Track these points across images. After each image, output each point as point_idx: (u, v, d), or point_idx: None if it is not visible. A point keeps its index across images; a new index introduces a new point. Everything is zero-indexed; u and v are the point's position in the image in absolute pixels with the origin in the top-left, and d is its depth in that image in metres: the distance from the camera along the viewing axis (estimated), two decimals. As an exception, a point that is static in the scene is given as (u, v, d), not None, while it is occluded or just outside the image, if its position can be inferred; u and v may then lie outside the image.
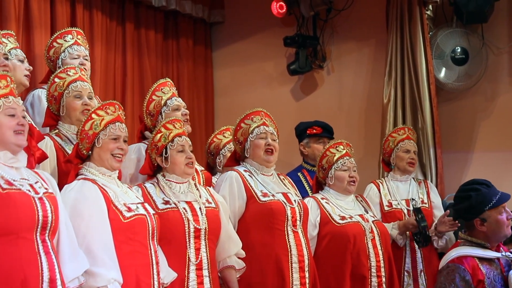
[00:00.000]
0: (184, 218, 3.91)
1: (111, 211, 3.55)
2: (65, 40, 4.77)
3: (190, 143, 4.12)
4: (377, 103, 6.87)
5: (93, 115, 3.71)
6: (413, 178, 5.57)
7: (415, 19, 6.64)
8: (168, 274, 3.78)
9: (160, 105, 4.47)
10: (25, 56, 4.60)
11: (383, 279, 4.66)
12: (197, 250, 3.91)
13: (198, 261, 3.91)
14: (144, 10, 7.19)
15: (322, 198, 4.77)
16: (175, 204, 3.95)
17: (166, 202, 3.95)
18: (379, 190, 5.40)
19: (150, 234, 3.64)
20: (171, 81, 4.63)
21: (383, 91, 6.72)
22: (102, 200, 3.56)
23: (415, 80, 6.61)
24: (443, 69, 6.69)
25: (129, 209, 3.60)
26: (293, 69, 7.27)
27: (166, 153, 4.04)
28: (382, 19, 6.92)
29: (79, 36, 4.83)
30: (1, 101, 3.25)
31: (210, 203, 4.07)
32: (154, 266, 3.63)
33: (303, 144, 5.87)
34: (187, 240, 3.89)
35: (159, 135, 4.06)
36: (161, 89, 4.53)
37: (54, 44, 4.78)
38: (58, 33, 4.86)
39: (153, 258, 3.64)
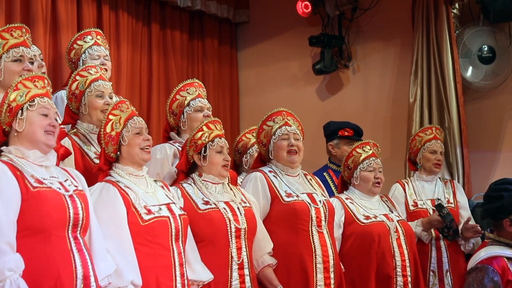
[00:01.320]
0: (226, 218, 3.93)
1: (130, 213, 3.56)
2: (85, 41, 4.80)
3: (228, 146, 4.13)
4: (403, 102, 6.84)
5: (110, 116, 3.72)
6: (439, 178, 5.53)
7: (441, 18, 6.60)
8: (200, 274, 3.79)
9: (183, 105, 4.48)
10: (36, 53, 4.62)
11: (409, 279, 4.63)
12: (239, 249, 3.93)
13: (240, 260, 3.93)
14: (169, 10, 7.22)
15: (347, 198, 4.76)
16: (215, 204, 3.97)
17: (206, 202, 3.97)
18: (404, 190, 5.38)
19: (174, 236, 3.63)
20: (199, 82, 4.62)
21: (409, 90, 6.69)
22: (121, 203, 3.56)
23: (442, 79, 6.57)
24: (470, 68, 6.65)
25: (149, 212, 3.59)
26: (319, 69, 7.26)
27: (205, 151, 4.05)
28: (408, 18, 6.88)
29: (98, 37, 4.86)
30: (37, 100, 3.30)
31: (245, 202, 4.10)
32: (177, 268, 3.61)
33: (332, 145, 5.85)
34: (230, 240, 3.91)
35: (200, 133, 4.07)
36: (187, 89, 4.54)
37: (74, 45, 4.82)
38: (77, 34, 4.90)
39: (176, 260, 3.62)
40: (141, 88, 6.87)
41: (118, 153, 3.72)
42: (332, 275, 4.28)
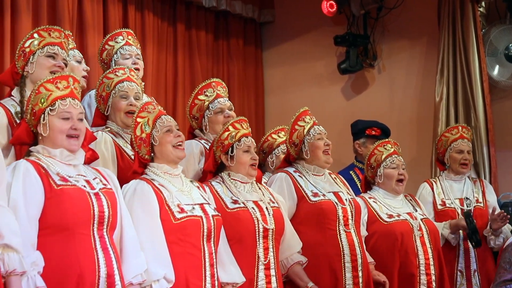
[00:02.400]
0: (254, 218, 3.93)
1: (163, 211, 3.56)
2: (116, 42, 4.82)
3: (255, 145, 4.13)
4: (429, 101, 6.80)
5: (138, 119, 3.73)
6: (468, 177, 5.50)
7: (467, 16, 6.56)
8: (235, 275, 3.78)
9: (202, 108, 4.48)
10: (82, 56, 4.67)
11: (433, 277, 4.61)
12: (266, 250, 3.93)
13: (267, 261, 3.92)
14: (194, 10, 7.24)
15: (370, 197, 4.76)
16: (243, 203, 3.97)
17: (235, 202, 3.97)
18: (432, 189, 5.35)
19: (205, 236, 3.62)
20: (217, 81, 4.61)
21: (435, 89, 6.66)
22: (155, 201, 3.57)
23: (468, 78, 6.52)
24: (497, 67, 6.59)
25: (182, 210, 3.59)
26: (344, 68, 7.24)
27: (232, 151, 4.05)
28: (433, 17, 6.85)
29: (129, 37, 4.88)
30: (58, 103, 3.29)
31: (274, 202, 4.09)
32: (208, 268, 3.61)
33: (359, 143, 5.84)
34: (257, 239, 3.91)
35: (226, 133, 4.07)
36: (204, 92, 4.52)
37: (106, 46, 4.83)
38: (109, 35, 4.92)
39: (207, 260, 3.62)
40: (167, 88, 6.90)
41: (152, 154, 3.73)
42: (360, 274, 4.28)
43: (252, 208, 3.96)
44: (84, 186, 3.21)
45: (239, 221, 3.89)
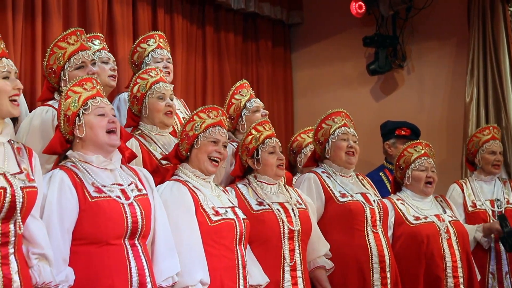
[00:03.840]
0: (279, 219, 3.93)
1: (199, 213, 3.58)
2: (148, 44, 4.84)
3: (280, 144, 4.13)
4: (459, 102, 6.76)
5: (195, 117, 3.76)
6: (498, 178, 5.45)
7: (497, 16, 6.52)
8: (258, 277, 3.79)
9: (240, 108, 4.50)
10: (109, 56, 4.70)
11: (461, 280, 4.56)
12: (292, 251, 3.93)
13: (293, 262, 3.92)
14: (223, 13, 7.26)
15: (398, 199, 4.72)
16: (269, 205, 3.97)
17: (260, 203, 3.97)
18: (462, 190, 5.31)
19: (238, 239, 3.64)
20: (247, 82, 4.65)
21: (465, 90, 6.61)
22: (191, 202, 3.59)
23: (498, 78, 6.47)
24: (527, 66, 6.53)
25: (217, 213, 3.61)
26: (373, 69, 7.22)
27: (257, 155, 4.06)
28: (463, 17, 6.81)
29: (161, 40, 4.90)
30: (89, 102, 3.31)
31: (301, 204, 4.09)
32: (240, 270, 3.63)
33: (389, 144, 5.82)
34: (282, 241, 3.91)
35: (250, 137, 4.08)
36: (239, 91, 4.55)
37: (138, 49, 4.86)
38: (141, 38, 4.95)
39: (240, 262, 3.64)
40: (196, 91, 6.92)
41: (189, 153, 3.75)
42: (388, 275, 4.26)
43: (278, 209, 3.96)
44: (118, 197, 3.21)
45: (264, 222, 3.89)
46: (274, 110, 7.57)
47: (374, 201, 4.37)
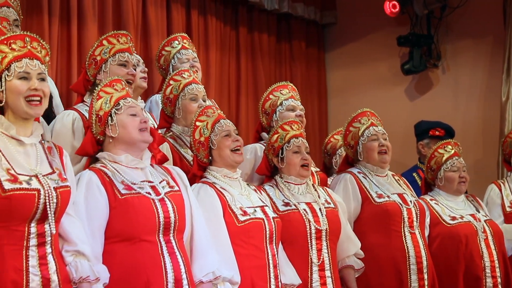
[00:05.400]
0: (305, 219, 3.91)
1: (226, 214, 3.58)
2: (172, 47, 4.86)
3: (307, 145, 4.12)
4: (495, 101, 6.71)
5: (197, 123, 3.76)
6: (536, 177, 5.38)
7: (534, 14, 6.46)
8: (292, 277, 3.78)
9: (276, 104, 4.48)
10: (138, 58, 4.73)
11: (498, 280, 4.52)
12: (319, 251, 3.91)
13: (320, 262, 3.90)
14: (257, 13, 7.28)
15: (431, 199, 4.68)
16: (295, 205, 3.96)
17: (286, 204, 3.96)
18: (500, 190, 5.24)
19: (268, 238, 3.63)
20: (294, 86, 4.62)
21: (501, 89, 6.57)
22: (218, 204, 3.59)
23: (535, 77, 6.42)
24: None
25: (245, 213, 3.61)
26: (407, 69, 7.19)
27: (282, 153, 4.07)
28: (499, 15, 6.75)
29: (185, 41, 4.91)
30: (121, 102, 3.33)
31: (329, 203, 4.06)
32: (271, 270, 3.62)
33: (423, 144, 5.79)
34: (309, 241, 3.90)
35: (276, 135, 4.08)
36: (280, 90, 4.54)
37: (163, 52, 4.88)
38: (164, 41, 4.96)
39: (270, 261, 3.62)
40: (230, 91, 6.95)
41: (210, 157, 3.77)
42: (425, 276, 4.23)
43: (304, 209, 3.94)
44: (149, 193, 3.21)
45: (289, 223, 3.86)
46: (308, 111, 7.52)
47: (410, 201, 4.34)
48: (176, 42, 4.88)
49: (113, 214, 3.14)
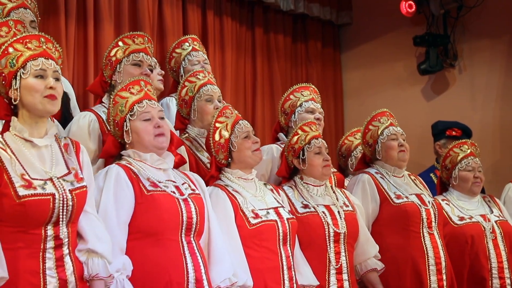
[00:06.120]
0: (324, 222, 3.90)
1: (238, 217, 3.58)
2: (183, 49, 4.86)
3: (326, 145, 4.11)
4: (513, 101, 6.68)
5: (217, 124, 3.75)
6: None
7: (552, 13, 6.42)
8: (310, 278, 3.77)
9: (295, 105, 4.48)
10: (155, 61, 4.74)
11: (507, 281, 4.47)
12: (337, 254, 3.90)
13: (339, 265, 3.89)
14: (272, 14, 7.28)
15: (443, 200, 4.66)
16: (314, 208, 3.95)
17: (305, 206, 3.96)
18: (518, 189, 5.23)
19: (281, 240, 3.62)
20: (315, 88, 4.62)
21: (519, 88, 6.53)
22: (230, 207, 3.58)
23: (553, 76, 6.38)
24: None
25: (256, 216, 3.60)
26: (424, 69, 7.17)
27: (303, 155, 4.06)
28: (516, 15, 6.72)
29: (195, 42, 4.92)
30: (135, 107, 3.32)
31: (348, 206, 4.06)
32: (285, 271, 3.60)
33: (440, 144, 5.76)
34: (327, 244, 3.88)
35: (296, 137, 4.07)
36: (302, 91, 4.53)
37: (173, 54, 4.89)
38: (175, 43, 4.97)
39: (284, 263, 3.61)
40: (246, 92, 6.95)
41: (229, 159, 3.77)
42: (444, 277, 4.21)
43: (323, 212, 3.93)
44: (174, 192, 3.23)
45: (309, 225, 3.86)
46: (324, 111, 7.47)
47: (429, 202, 4.33)
48: (187, 44, 4.89)
49: (139, 210, 3.15)
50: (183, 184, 3.33)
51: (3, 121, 3.03)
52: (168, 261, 3.12)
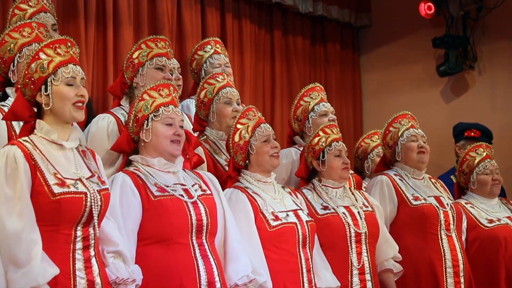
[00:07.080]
0: (345, 223, 3.91)
1: (258, 219, 3.58)
2: (205, 51, 4.87)
3: (346, 149, 4.12)
4: (533, 103, 6.64)
5: (238, 126, 3.77)
6: None
7: None
8: (329, 280, 3.77)
9: (307, 110, 4.47)
10: (178, 65, 4.76)
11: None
12: (359, 254, 3.90)
13: (361, 265, 3.89)
14: (291, 16, 7.28)
15: (466, 203, 4.64)
16: (334, 209, 3.96)
17: (325, 208, 3.96)
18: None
19: (301, 242, 3.63)
20: (321, 86, 4.62)
21: (539, 90, 6.49)
22: (250, 209, 3.59)
23: None
24: None
25: (276, 218, 3.61)
26: (443, 71, 7.14)
27: (323, 156, 4.06)
28: (536, 16, 6.68)
29: (217, 45, 4.92)
30: (161, 109, 3.33)
31: (367, 206, 4.06)
32: (305, 274, 3.60)
33: (459, 146, 5.75)
34: (349, 245, 3.89)
35: (317, 138, 4.07)
36: (309, 94, 4.53)
37: (195, 56, 4.89)
38: (197, 45, 4.98)
39: (303, 265, 3.61)
40: (265, 94, 6.96)
41: (247, 161, 3.77)
42: (462, 280, 4.20)
43: (343, 213, 3.93)
44: (182, 196, 3.24)
45: (329, 227, 3.87)
46: (343, 113, 7.54)
47: (447, 204, 4.32)
48: (209, 46, 4.90)
49: (146, 216, 3.17)
50: (193, 185, 3.34)
51: (21, 123, 3.09)
52: (178, 265, 3.13)
